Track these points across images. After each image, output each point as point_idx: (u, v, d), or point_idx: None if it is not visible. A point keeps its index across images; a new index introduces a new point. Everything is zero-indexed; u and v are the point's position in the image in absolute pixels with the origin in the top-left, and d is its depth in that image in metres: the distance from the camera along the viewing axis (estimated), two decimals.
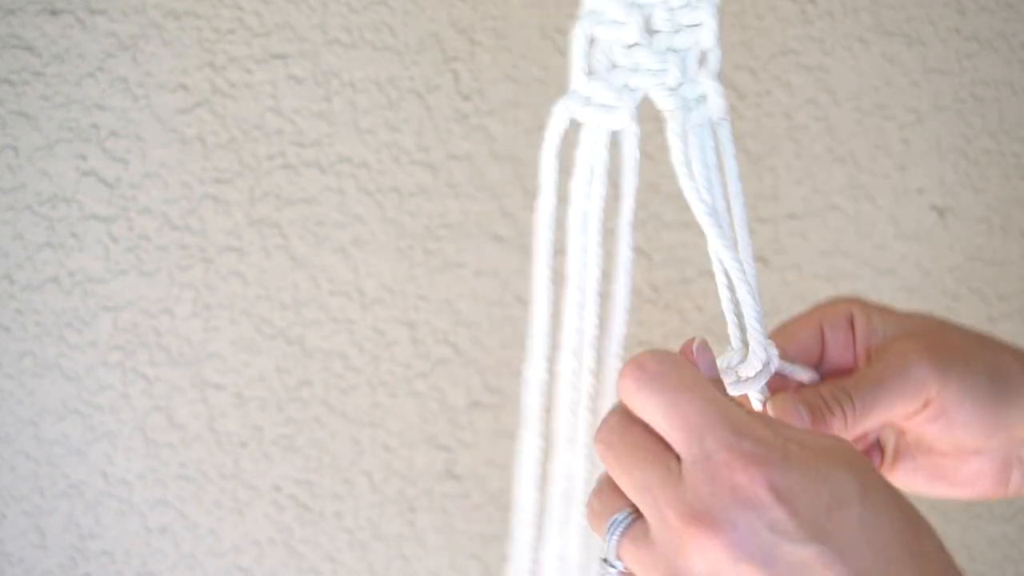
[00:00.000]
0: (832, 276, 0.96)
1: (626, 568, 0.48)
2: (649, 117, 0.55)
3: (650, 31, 0.52)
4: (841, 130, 0.95)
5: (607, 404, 0.55)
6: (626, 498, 0.48)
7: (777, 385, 0.56)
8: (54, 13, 0.83)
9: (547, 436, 0.57)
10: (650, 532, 0.47)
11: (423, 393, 0.91)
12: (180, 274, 0.87)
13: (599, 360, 0.54)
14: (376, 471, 0.92)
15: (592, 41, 0.52)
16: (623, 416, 0.49)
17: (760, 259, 0.95)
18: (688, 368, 0.48)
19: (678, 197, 0.94)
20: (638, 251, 0.93)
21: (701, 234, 0.56)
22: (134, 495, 0.88)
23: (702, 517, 0.45)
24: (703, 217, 0.52)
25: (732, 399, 0.49)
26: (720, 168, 0.53)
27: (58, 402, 0.86)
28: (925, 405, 0.55)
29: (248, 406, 0.89)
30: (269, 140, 0.87)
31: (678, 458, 0.46)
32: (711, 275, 0.57)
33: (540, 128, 0.54)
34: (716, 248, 0.52)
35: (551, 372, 0.55)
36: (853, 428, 0.54)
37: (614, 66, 0.52)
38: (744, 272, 0.52)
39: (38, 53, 0.83)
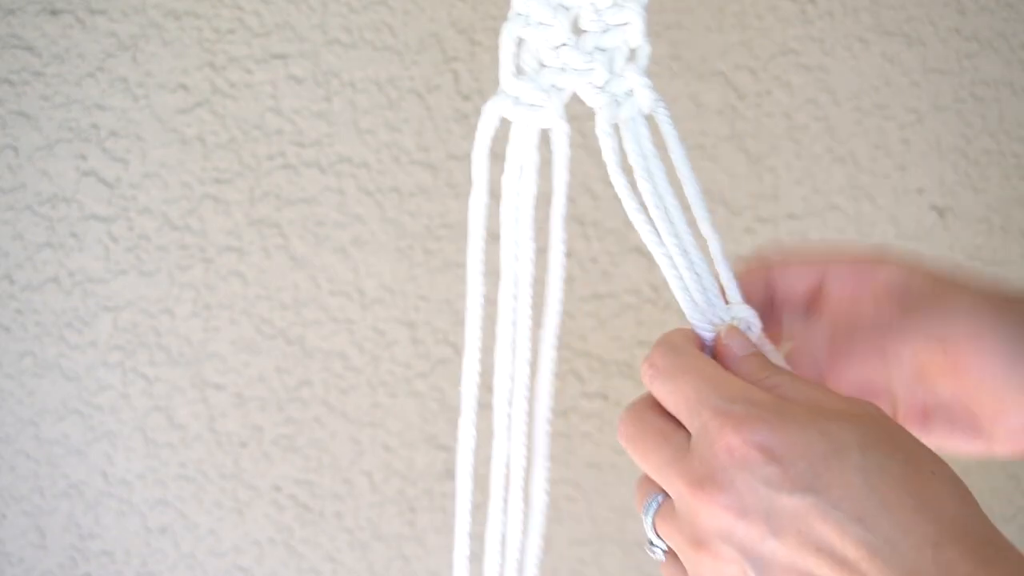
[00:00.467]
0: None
1: (668, 547, 0.51)
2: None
3: (578, 31, 0.54)
4: (841, 130, 0.95)
5: (544, 392, 0.57)
6: (659, 484, 0.51)
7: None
8: (54, 13, 0.83)
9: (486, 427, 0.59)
10: (675, 507, 0.49)
11: (423, 393, 0.91)
12: (180, 274, 0.87)
13: (534, 351, 0.56)
14: (376, 471, 0.92)
15: (521, 42, 0.53)
16: (636, 409, 0.52)
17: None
18: (687, 354, 0.51)
19: (678, 197, 0.94)
20: (638, 251, 0.93)
21: (699, 235, 0.57)
22: (134, 495, 0.88)
23: (705, 481, 0.47)
24: (631, 212, 0.53)
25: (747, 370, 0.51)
26: (660, 156, 0.55)
27: (58, 402, 0.86)
28: (958, 341, 0.55)
29: (248, 406, 0.89)
30: (269, 140, 0.87)
31: (689, 436, 0.49)
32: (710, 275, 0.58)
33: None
34: (646, 239, 0.53)
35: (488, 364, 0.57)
36: (788, 279, 0.55)
37: (542, 66, 0.54)
38: (673, 263, 0.54)
39: (38, 53, 0.83)
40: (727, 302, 0.55)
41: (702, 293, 0.54)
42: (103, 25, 0.84)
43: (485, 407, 0.95)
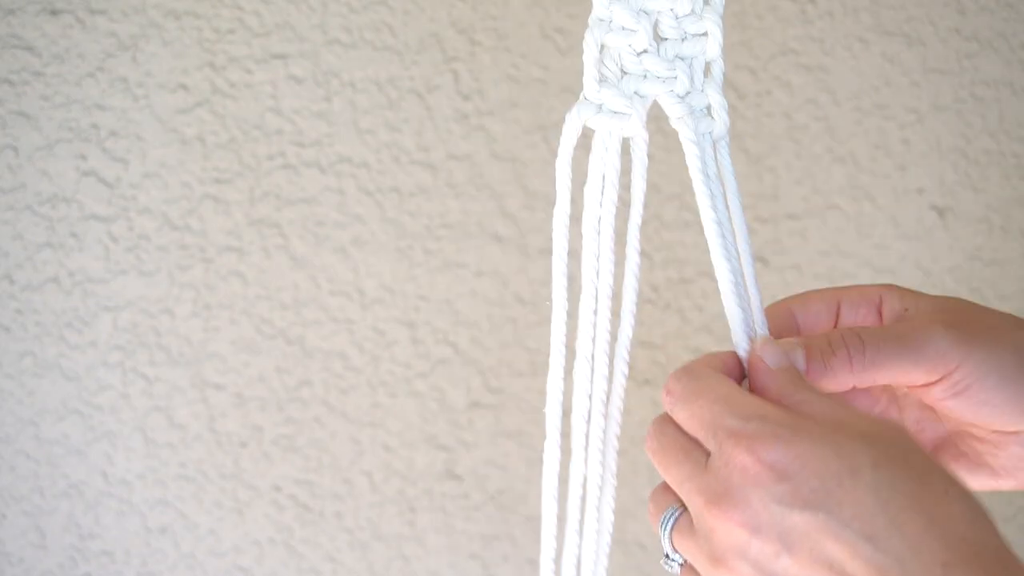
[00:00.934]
0: (832, 276, 0.96)
1: (684, 560, 0.52)
2: (649, 116, 0.55)
3: (658, 39, 0.52)
4: (841, 130, 0.95)
5: (617, 407, 0.56)
6: (675, 496, 0.52)
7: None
8: (54, 13, 0.83)
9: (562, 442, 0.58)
10: (693, 522, 0.50)
11: (423, 393, 0.91)
12: (180, 274, 0.87)
13: (611, 365, 0.55)
14: (376, 471, 0.92)
15: (602, 48, 0.52)
16: (660, 423, 0.53)
17: (760, 259, 0.95)
18: (703, 377, 0.52)
19: (678, 197, 0.94)
20: (638, 251, 0.93)
21: (701, 234, 0.57)
22: (134, 495, 0.88)
23: (721, 498, 0.48)
24: (711, 225, 0.52)
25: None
26: (720, 181, 0.54)
27: (58, 402, 0.86)
28: (943, 378, 0.54)
29: (248, 406, 0.89)
30: (269, 140, 0.87)
31: (708, 455, 0.50)
32: (711, 275, 0.57)
33: (540, 128, 0.54)
34: (717, 258, 0.53)
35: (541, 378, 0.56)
36: (860, 374, 0.54)
37: (624, 73, 0.52)
38: (733, 282, 0.53)
39: (38, 53, 0.83)
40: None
41: (747, 313, 0.54)
42: (103, 25, 0.84)
43: (483, 406, 0.95)
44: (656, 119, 0.55)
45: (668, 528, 0.52)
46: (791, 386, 0.52)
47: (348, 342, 0.90)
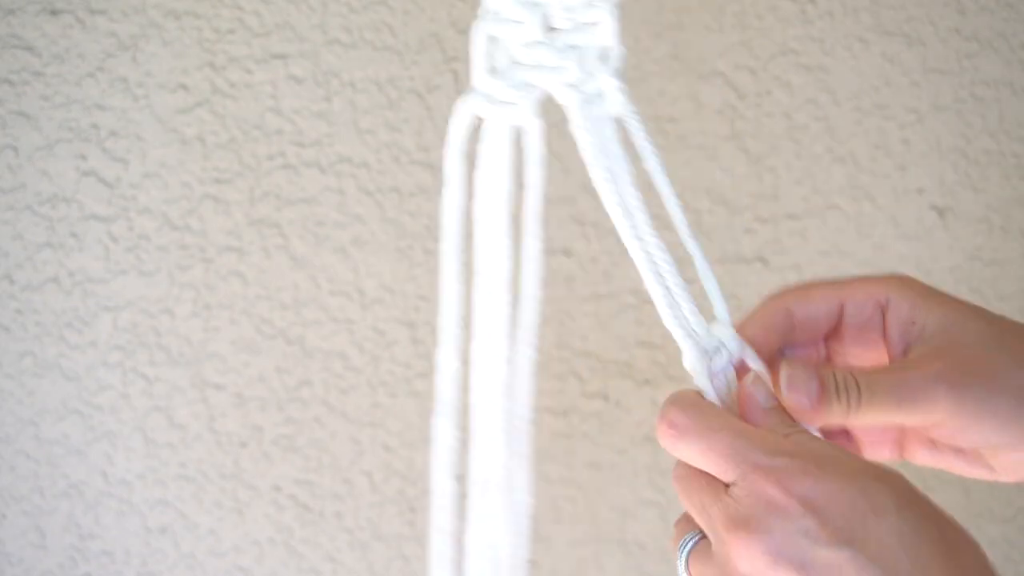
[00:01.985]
0: (832, 276, 0.96)
1: None
2: (650, 116, 0.56)
3: (550, 29, 0.53)
4: (841, 130, 0.95)
5: (522, 391, 0.57)
6: (697, 525, 0.52)
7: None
8: (54, 13, 0.83)
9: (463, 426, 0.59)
10: (711, 547, 0.51)
11: (423, 393, 0.91)
12: (180, 274, 0.87)
13: (511, 348, 0.56)
14: (376, 471, 0.92)
15: (493, 40, 0.53)
16: None
17: (760, 259, 0.95)
18: (710, 412, 0.52)
19: (678, 197, 0.94)
20: None
21: (701, 234, 0.57)
22: (134, 495, 0.88)
23: (742, 525, 0.48)
24: (612, 207, 0.53)
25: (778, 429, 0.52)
26: (636, 160, 0.54)
27: (58, 402, 0.86)
28: (937, 424, 0.55)
29: (248, 406, 0.89)
30: (269, 140, 0.87)
31: (727, 486, 0.50)
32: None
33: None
34: (626, 237, 0.53)
35: (466, 362, 0.57)
36: (852, 421, 0.55)
37: (515, 64, 0.53)
38: (653, 263, 0.53)
39: (38, 53, 0.83)
40: (708, 320, 0.55)
41: (679, 308, 0.54)
42: (103, 25, 0.84)
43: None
44: (656, 119, 0.56)
45: (686, 551, 0.52)
46: (784, 427, 0.52)
47: (348, 342, 0.90)
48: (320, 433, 0.90)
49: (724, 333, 0.55)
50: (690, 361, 0.55)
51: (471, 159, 0.55)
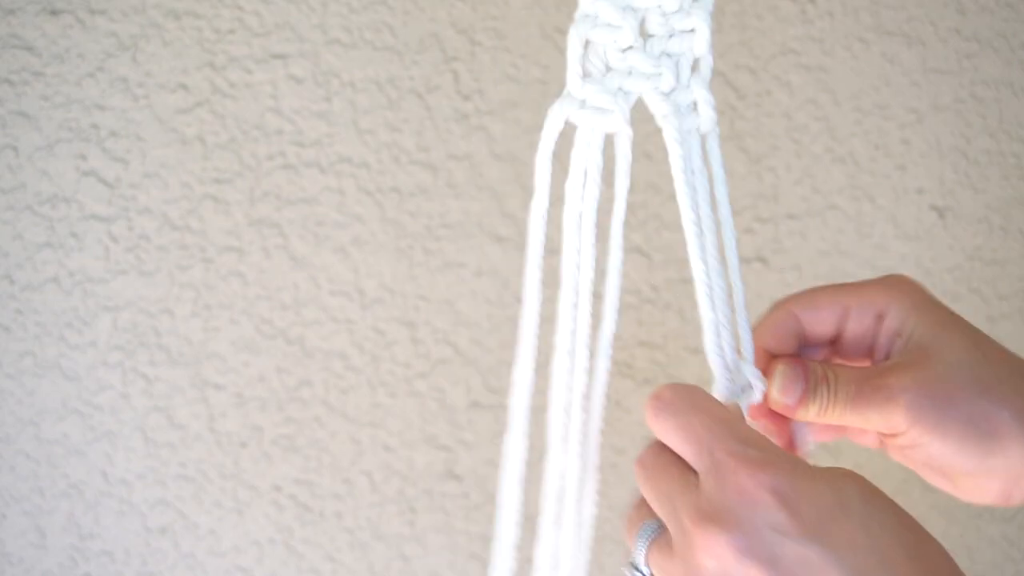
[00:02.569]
0: (832, 276, 0.96)
1: (652, 574, 0.51)
2: (648, 117, 0.55)
3: (644, 35, 0.52)
4: (841, 130, 0.95)
5: (599, 403, 0.56)
6: (652, 512, 0.52)
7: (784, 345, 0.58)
8: (54, 13, 0.83)
9: (536, 436, 0.58)
10: (672, 539, 0.50)
11: (423, 393, 0.91)
12: (180, 274, 0.87)
13: (592, 359, 0.55)
14: (376, 471, 0.92)
15: (587, 44, 0.52)
16: (654, 444, 0.53)
17: (760, 259, 0.95)
18: (698, 392, 0.52)
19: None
20: (638, 251, 0.93)
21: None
22: (134, 495, 0.88)
23: (710, 518, 0.48)
24: (690, 226, 0.52)
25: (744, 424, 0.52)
26: (709, 178, 0.53)
27: (58, 402, 0.86)
28: (897, 435, 0.56)
29: (248, 406, 0.89)
30: (269, 140, 0.87)
31: (697, 474, 0.50)
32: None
33: (540, 128, 0.54)
34: (694, 259, 0.53)
35: (541, 373, 0.56)
36: (824, 420, 0.56)
37: (609, 69, 0.52)
38: (708, 286, 0.53)
39: (38, 53, 0.83)
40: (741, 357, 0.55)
41: (721, 339, 0.54)
42: (103, 25, 0.84)
43: (483, 406, 0.95)
44: (655, 119, 0.55)
45: (646, 541, 0.52)
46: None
47: (348, 342, 0.90)
48: (320, 433, 0.90)
49: (752, 373, 0.55)
50: (720, 395, 0.54)
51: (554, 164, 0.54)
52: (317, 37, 0.87)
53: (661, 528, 0.51)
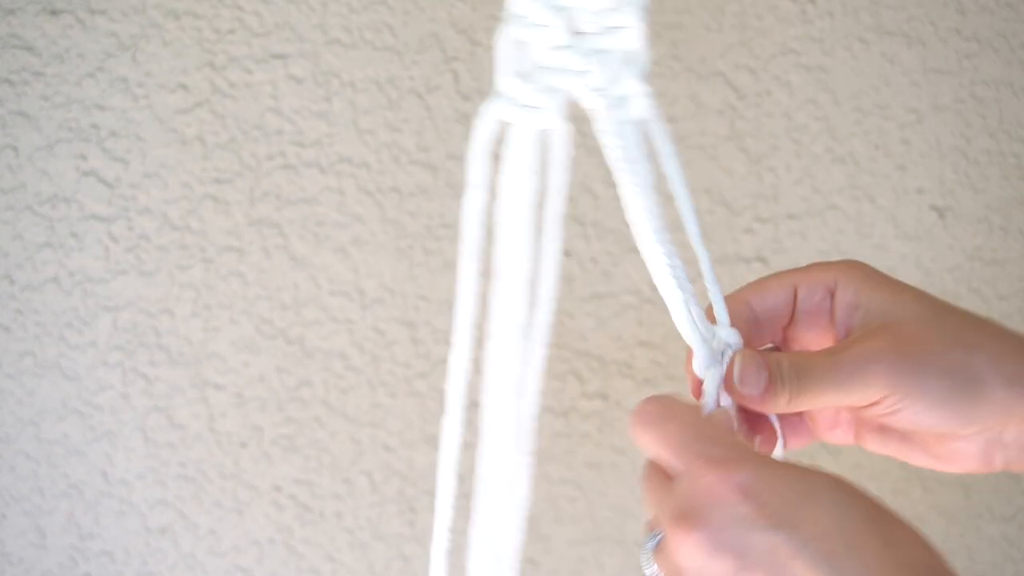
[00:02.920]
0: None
1: None
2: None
3: (576, 33, 0.53)
4: (841, 130, 0.96)
5: (532, 393, 0.58)
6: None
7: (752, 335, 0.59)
8: (54, 13, 0.83)
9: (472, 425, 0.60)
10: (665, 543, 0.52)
11: (423, 393, 0.91)
12: (180, 274, 0.87)
13: (525, 350, 0.57)
14: (376, 471, 0.92)
15: (519, 44, 0.53)
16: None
17: (760, 259, 0.95)
18: (672, 402, 0.53)
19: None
20: (638, 251, 0.93)
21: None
22: (134, 495, 0.88)
23: (683, 516, 0.49)
24: (639, 212, 0.53)
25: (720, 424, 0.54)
26: (659, 162, 0.55)
27: (58, 402, 0.86)
28: (873, 404, 0.55)
29: (248, 406, 0.89)
30: (269, 140, 0.87)
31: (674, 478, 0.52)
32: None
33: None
34: (650, 243, 0.54)
35: (476, 363, 0.58)
36: (795, 408, 0.56)
37: (541, 68, 0.53)
38: (669, 268, 0.54)
39: (38, 53, 0.83)
40: (714, 323, 0.56)
41: (691, 314, 0.55)
42: (103, 25, 0.84)
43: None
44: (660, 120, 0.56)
45: (650, 548, 0.53)
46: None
47: (348, 342, 0.90)
48: (320, 433, 0.90)
49: (728, 335, 0.56)
50: (702, 365, 0.55)
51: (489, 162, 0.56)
52: (317, 37, 0.87)
53: (664, 533, 0.53)
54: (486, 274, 0.56)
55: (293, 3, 0.86)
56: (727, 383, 0.56)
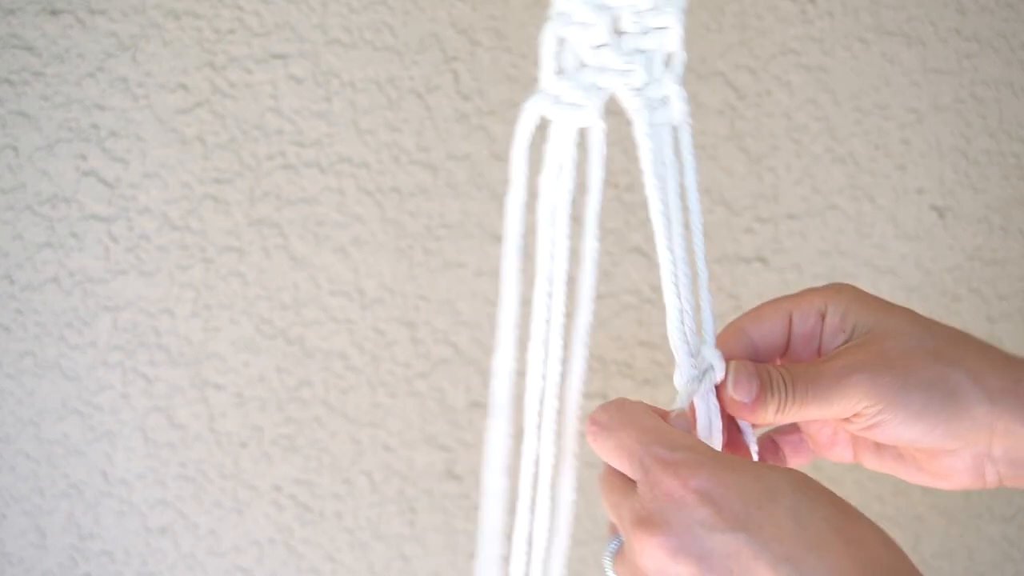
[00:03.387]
0: (832, 276, 0.96)
1: None
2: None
3: (618, 32, 0.53)
4: (841, 130, 0.96)
5: (574, 391, 0.58)
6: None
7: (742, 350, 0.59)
8: (54, 13, 0.83)
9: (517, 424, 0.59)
10: (625, 548, 0.52)
11: (423, 393, 0.91)
12: (180, 274, 0.87)
13: (567, 349, 0.56)
14: (376, 471, 0.92)
15: (562, 42, 0.53)
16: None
17: (760, 259, 0.95)
18: (628, 406, 0.54)
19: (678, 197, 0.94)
20: (638, 251, 0.93)
21: (701, 234, 0.57)
22: (134, 495, 0.88)
23: (644, 521, 0.50)
24: (657, 216, 0.53)
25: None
26: (680, 171, 0.55)
27: (58, 402, 0.86)
28: (854, 416, 0.56)
29: (248, 406, 0.89)
30: (269, 140, 0.87)
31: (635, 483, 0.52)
32: (711, 275, 0.58)
33: (540, 128, 0.55)
34: (661, 248, 0.54)
35: (521, 361, 0.58)
36: (783, 418, 0.56)
37: (583, 66, 0.53)
38: (675, 276, 0.54)
39: (38, 53, 0.83)
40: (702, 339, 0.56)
41: (685, 326, 0.55)
42: (103, 25, 0.84)
43: (483, 406, 0.95)
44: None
45: (609, 554, 0.54)
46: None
47: (348, 342, 0.90)
48: (320, 433, 0.90)
49: (712, 355, 0.56)
50: (683, 381, 0.56)
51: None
52: (317, 37, 0.87)
53: (623, 539, 0.53)
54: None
55: (293, 3, 0.86)
56: (719, 393, 0.56)
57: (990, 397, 0.55)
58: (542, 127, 0.55)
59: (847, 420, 0.56)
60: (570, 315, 0.57)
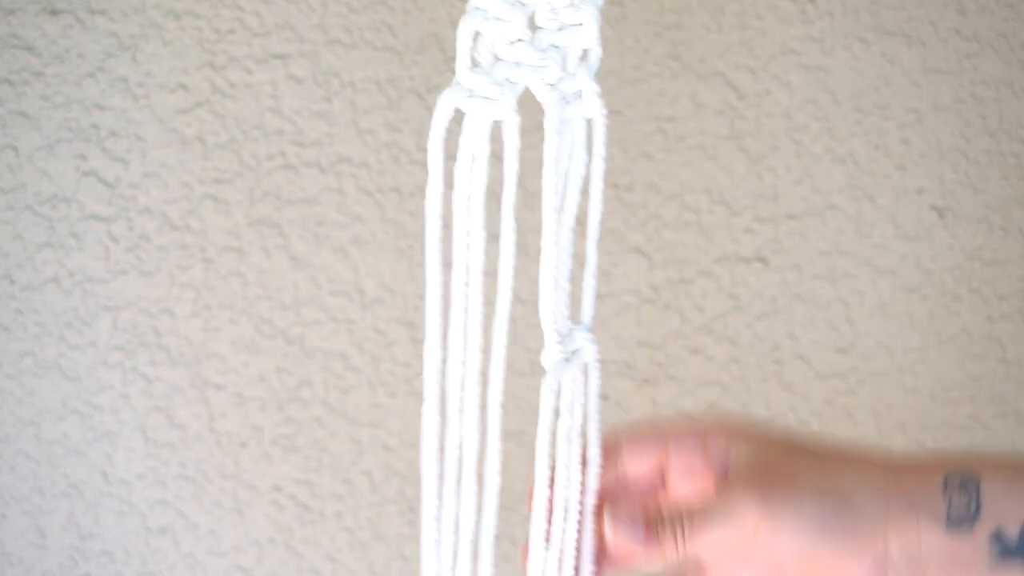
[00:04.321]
0: (832, 276, 0.96)
1: None
2: (649, 116, 0.56)
3: (534, 28, 0.55)
4: (841, 130, 0.96)
5: (496, 379, 0.60)
6: None
7: (617, 490, 0.62)
8: (54, 13, 0.83)
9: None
10: None
11: (423, 393, 0.91)
12: (180, 274, 0.87)
13: (487, 336, 0.58)
14: (376, 471, 0.92)
15: (477, 36, 0.54)
16: None
17: (760, 259, 0.95)
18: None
19: (678, 197, 0.94)
20: (638, 251, 0.93)
21: (702, 234, 0.57)
22: (134, 495, 0.88)
23: None
24: (549, 212, 0.55)
25: None
26: (588, 162, 0.57)
27: (58, 402, 0.86)
28: (755, 530, 0.57)
29: (248, 406, 0.89)
30: (269, 140, 0.87)
31: None
32: (711, 275, 0.58)
33: (539, 128, 0.55)
34: (547, 242, 0.56)
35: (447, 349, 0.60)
36: (684, 549, 0.58)
37: (497, 60, 0.55)
38: (556, 266, 0.56)
39: (38, 53, 0.83)
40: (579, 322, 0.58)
41: (559, 311, 0.57)
42: (103, 25, 0.84)
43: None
44: (657, 117, 0.56)
45: None
46: None
47: (348, 342, 0.90)
48: (320, 433, 0.90)
49: (585, 337, 0.58)
50: (551, 362, 0.58)
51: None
52: (317, 37, 0.87)
53: None
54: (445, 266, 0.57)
55: (293, 3, 0.86)
56: (599, 542, 0.59)
57: (876, 498, 0.56)
58: (457, 119, 0.56)
59: (748, 544, 0.57)
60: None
